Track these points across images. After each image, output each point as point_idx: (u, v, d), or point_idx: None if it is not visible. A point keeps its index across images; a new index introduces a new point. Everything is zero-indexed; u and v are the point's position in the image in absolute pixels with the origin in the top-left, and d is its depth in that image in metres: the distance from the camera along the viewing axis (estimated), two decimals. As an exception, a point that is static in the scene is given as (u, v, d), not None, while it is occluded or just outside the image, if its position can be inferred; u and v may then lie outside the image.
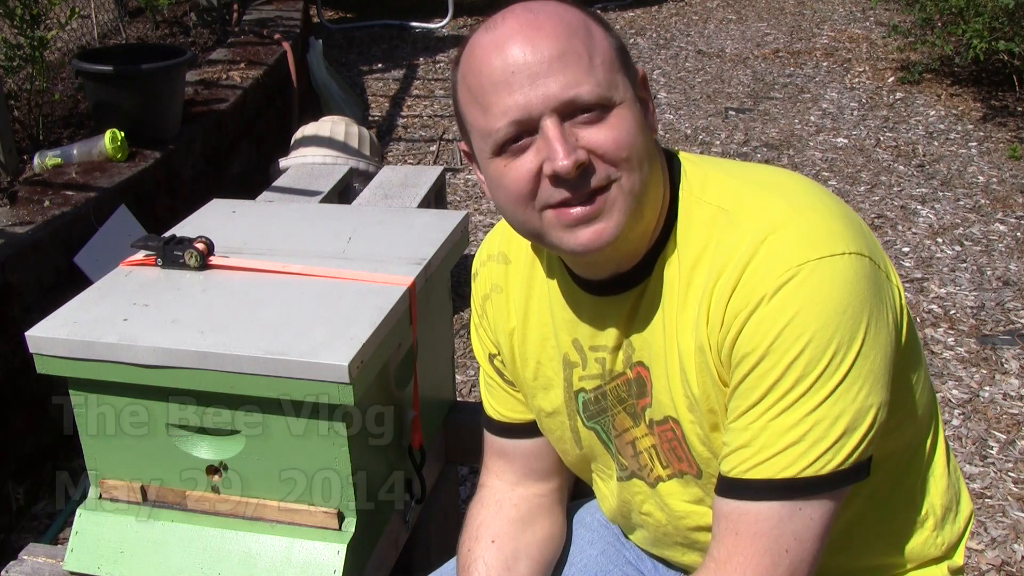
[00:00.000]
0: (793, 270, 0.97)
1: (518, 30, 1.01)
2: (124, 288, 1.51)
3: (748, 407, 0.99)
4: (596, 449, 1.26)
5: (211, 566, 1.42)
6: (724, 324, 1.01)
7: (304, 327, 1.38)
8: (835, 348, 0.96)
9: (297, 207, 1.92)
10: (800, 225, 1.00)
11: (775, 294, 0.97)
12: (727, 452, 1.02)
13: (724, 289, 1.01)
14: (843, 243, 0.99)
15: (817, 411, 0.96)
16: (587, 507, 1.44)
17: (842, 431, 0.97)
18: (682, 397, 1.08)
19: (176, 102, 3.48)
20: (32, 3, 3.22)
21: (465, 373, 3.05)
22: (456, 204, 4.25)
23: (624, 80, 1.03)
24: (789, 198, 1.04)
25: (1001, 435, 2.71)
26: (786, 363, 0.96)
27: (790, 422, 0.97)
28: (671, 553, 1.26)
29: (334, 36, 6.83)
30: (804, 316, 0.96)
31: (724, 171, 1.11)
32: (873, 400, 0.98)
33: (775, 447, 0.98)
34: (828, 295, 0.96)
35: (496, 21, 1.04)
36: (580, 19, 1.04)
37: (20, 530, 2.46)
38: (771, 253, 0.99)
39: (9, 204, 2.82)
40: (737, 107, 5.38)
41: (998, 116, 5.11)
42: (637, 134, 1.02)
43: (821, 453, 0.97)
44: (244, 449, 1.40)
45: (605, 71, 1.01)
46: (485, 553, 1.27)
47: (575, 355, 1.19)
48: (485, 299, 1.29)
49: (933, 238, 3.87)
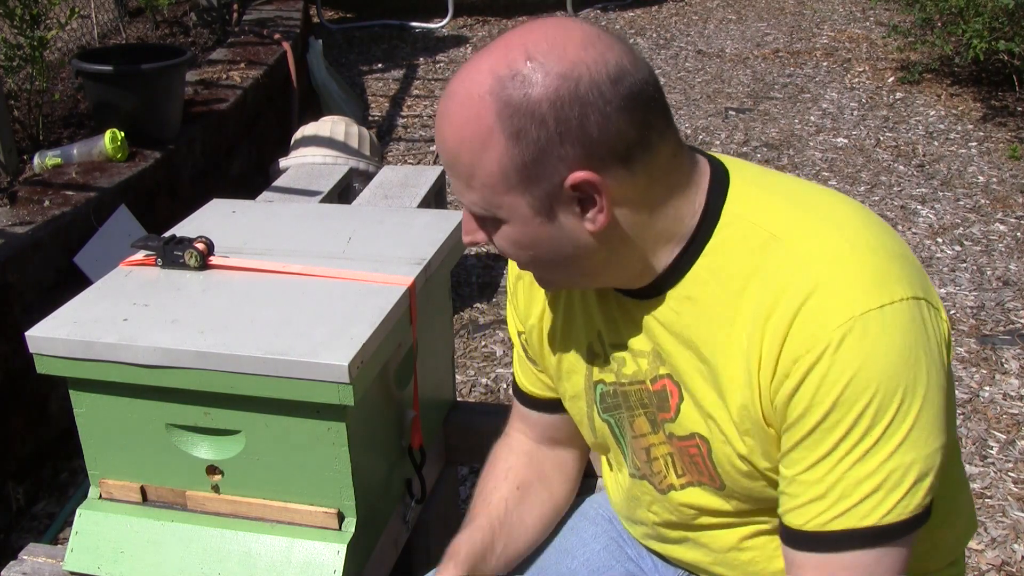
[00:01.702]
0: (855, 320, 0.94)
1: (437, 115, 1.01)
2: (124, 288, 1.51)
3: (818, 459, 0.98)
4: (608, 441, 1.26)
5: (211, 566, 1.42)
6: (779, 369, 0.98)
7: (304, 327, 1.38)
8: (901, 396, 0.95)
9: (297, 207, 1.92)
10: (859, 267, 0.97)
11: (839, 346, 0.94)
12: (797, 504, 1.01)
13: (778, 328, 0.97)
14: (900, 288, 0.97)
15: (891, 460, 0.96)
16: (590, 500, 1.44)
17: (916, 477, 0.97)
18: (718, 420, 1.06)
19: (176, 102, 3.48)
20: (32, 3, 3.22)
21: (465, 373, 3.05)
22: (456, 204, 4.25)
23: (518, 199, 0.98)
24: (846, 232, 1.00)
25: (1001, 435, 2.71)
26: (855, 415, 0.95)
27: (866, 472, 0.96)
28: (674, 549, 1.26)
29: (334, 36, 6.83)
30: (870, 368, 0.94)
31: (778, 193, 1.06)
32: (939, 442, 0.98)
33: (853, 497, 0.97)
34: (891, 345, 0.95)
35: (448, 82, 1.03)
36: (484, 127, 0.95)
37: (20, 530, 2.46)
38: (830, 298, 0.95)
39: (9, 204, 2.82)
40: (737, 107, 5.38)
41: (998, 116, 5.11)
42: (529, 247, 1.02)
43: (899, 500, 0.97)
44: (244, 449, 1.40)
45: (484, 192, 0.99)
46: (510, 496, 1.32)
47: (598, 347, 1.19)
48: (518, 279, 1.29)
49: (933, 238, 3.87)
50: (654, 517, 1.24)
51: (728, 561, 1.20)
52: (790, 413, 0.99)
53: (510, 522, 1.31)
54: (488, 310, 3.45)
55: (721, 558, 1.20)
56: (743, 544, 1.17)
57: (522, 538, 1.33)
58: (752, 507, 1.12)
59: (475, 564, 1.24)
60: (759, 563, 1.17)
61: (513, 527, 1.31)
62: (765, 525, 1.14)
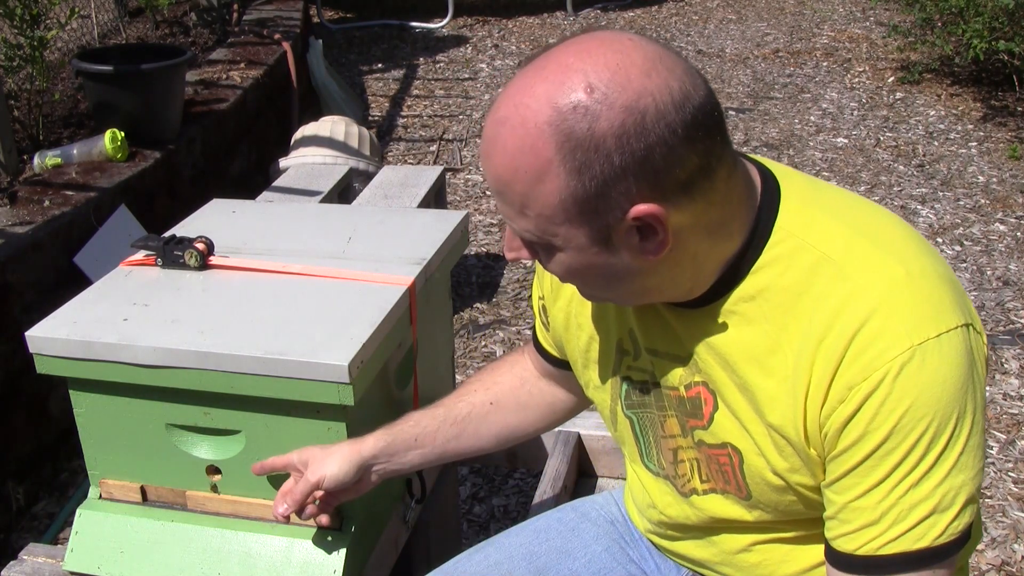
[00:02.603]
0: (915, 349, 0.94)
1: (485, 135, 0.97)
2: (124, 288, 1.51)
3: (872, 485, 0.98)
4: (626, 437, 1.25)
5: (211, 566, 1.42)
6: (832, 395, 0.98)
7: (304, 327, 1.38)
8: (955, 422, 0.96)
9: (297, 207, 1.92)
10: (915, 294, 0.97)
11: (898, 375, 0.94)
12: (850, 530, 1.01)
13: (831, 352, 0.97)
14: (954, 316, 0.97)
15: (944, 483, 0.97)
16: (592, 501, 1.44)
17: (966, 499, 0.98)
18: (753, 435, 1.06)
19: (176, 102, 3.48)
20: (32, 3, 3.22)
21: (465, 373, 3.05)
22: (456, 204, 4.25)
23: (574, 230, 0.95)
24: (901, 257, 0.99)
25: (1001, 435, 2.71)
26: (910, 443, 0.96)
27: (920, 496, 0.97)
28: (681, 545, 1.26)
29: (334, 36, 6.83)
30: (927, 399, 0.95)
31: (830, 212, 1.04)
32: (983, 463, 1.00)
33: (907, 522, 0.98)
34: (948, 375, 0.95)
35: (492, 106, 0.98)
36: (542, 159, 0.91)
37: (20, 530, 2.46)
38: (888, 325, 0.95)
39: (9, 204, 2.82)
40: (737, 107, 5.38)
41: (998, 116, 5.11)
42: (584, 275, 1.01)
43: (950, 522, 0.98)
44: (244, 449, 1.40)
45: (539, 222, 0.95)
46: (478, 404, 1.40)
47: (629, 344, 1.18)
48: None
49: (933, 238, 3.87)
50: (671, 518, 1.24)
51: (736, 562, 1.19)
52: (843, 440, 0.98)
53: (464, 425, 1.38)
54: (488, 310, 3.45)
55: (729, 559, 1.20)
56: (753, 548, 1.17)
57: (469, 443, 1.40)
58: (775, 518, 1.12)
59: (403, 445, 1.35)
60: (768, 566, 1.17)
61: (465, 431, 1.38)
62: (781, 534, 1.14)
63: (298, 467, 1.33)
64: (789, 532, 1.13)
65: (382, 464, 1.34)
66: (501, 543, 1.38)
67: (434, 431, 1.37)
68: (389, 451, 1.34)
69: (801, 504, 1.08)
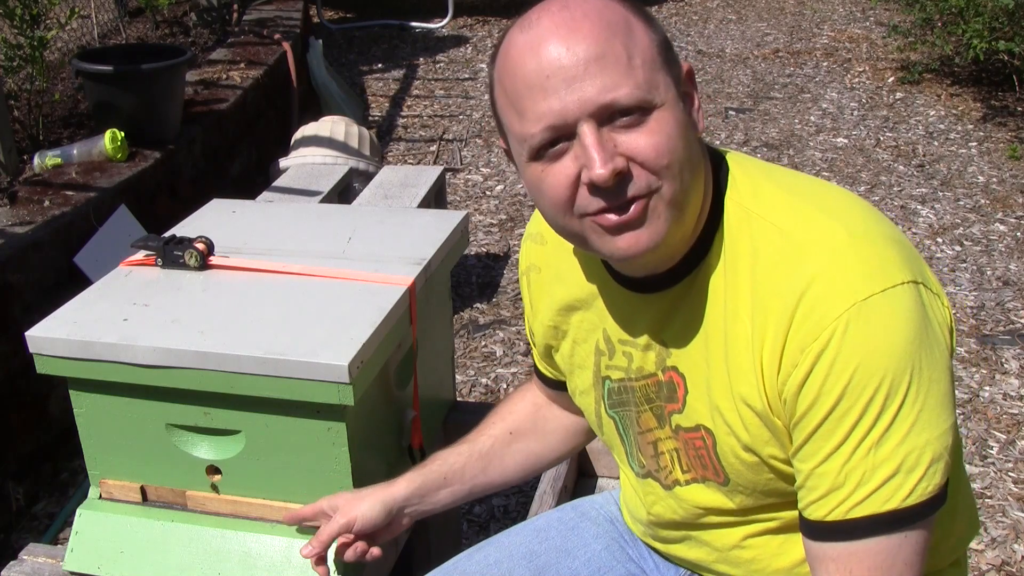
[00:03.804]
0: (859, 305, 0.95)
1: (553, 30, 0.97)
2: (124, 288, 1.51)
3: (833, 449, 0.98)
4: (613, 439, 1.27)
5: (211, 566, 1.42)
6: (786, 359, 0.99)
7: (304, 327, 1.38)
8: (910, 378, 0.95)
9: (297, 207, 1.92)
10: (857, 253, 0.98)
11: (845, 334, 0.95)
12: (817, 496, 1.00)
13: (781, 319, 0.98)
14: (900, 272, 0.98)
15: (906, 442, 0.96)
16: (592, 500, 1.45)
17: (931, 458, 0.97)
18: (723, 411, 1.07)
19: (176, 102, 3.48)
20: (32, 3, 3.22)
21: (465, 373, 3.05)
22: (456, 204, 4.25)
23: (666, 79, 0.99)
24: (844, 221, 1.01)
25: (1001, 435, 2.71)
26: (865, 400, 0.95)
27: (882, 456, 0.96)
28: (676, 548, 1.26)
29: (334, 36, 6.83)
30: (877, 355, 0.95)
31: (776, 183, 1.07)
32: (949, 422, 0.98)
33: (872, 483, 0.97)
34: (896, 328, 0.95)
35: (531, 19, 1.00)
36: (620, 15, 0.99)
37: (20, 530, 2.46)
38: (831, 285, 0.96)
39: (9, 204, 2.83)
40: (737, 107, 5.38)
41: (998, 116, 5.11)
42: (679, 138, 0.99)
43: (917, 481, 0.97)
44: (244, 449, 1.40)
45: (645, 71, 0.97)
46: (499, 436, 1.41)
47: (604, 344, 1.20)
48: (525, 273, 1.32)
49: (933, 238, 3.87)
50: (658, 516, 1.24)
51: (730, 559, 1.20)
52: (800, 405, 0.99)
53: (489, 458, 1.39)
54: (488, 310, 3.45)
55: (723, 556, 1.20)
56: (745, 542, 1.17)
57: (496, 475, 1.41)
58: (756, 503, 1.12)
59: (433, 484, 1.36)
60: (761, 561, 1.17)
61: (491, 464, 1.39)
62: (769, 523, 1.14)
63: (328, 512, 1.34)
64: (776, 522, 1.14)
65: (414, 506, 1.36)
66: (501, 543, 1.38)
67: (461, 467, 1.38)
68: (420, 492, 1.36)
69: (780, 480, 1.08)
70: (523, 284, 1.34)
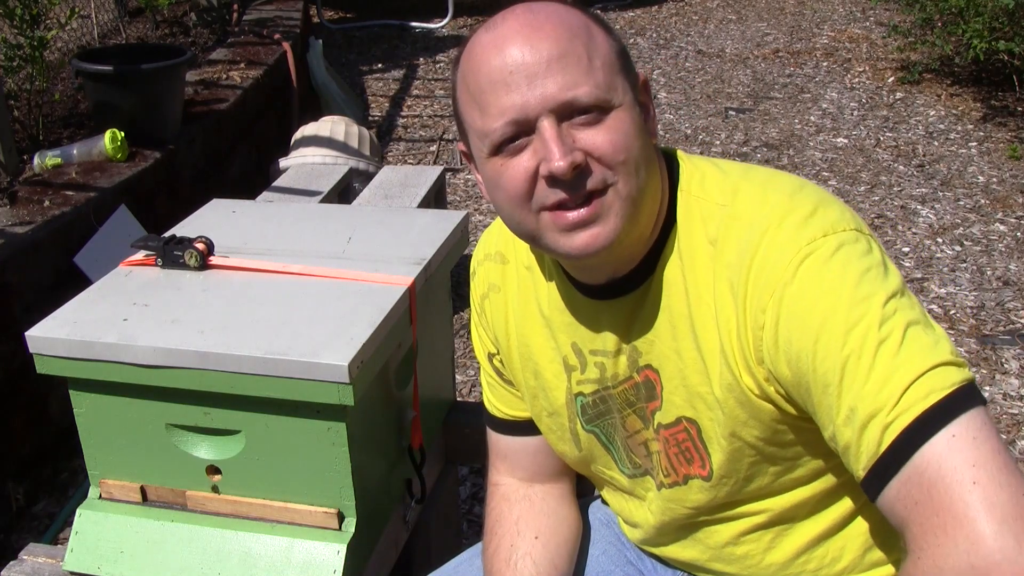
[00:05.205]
0: (804, 249, 0.98)
1: (518, 30, 1.01)
2: (124, 288, 1.51)
3: (841, 396, 0.93)
4: (596, 451, 1.26)
5: (211, 566, 1.42)
6: (751, 321, 1.00)
7: (304, 327, 1.38)
8: (881, 297, 0.94)
9: (297, 207, 1.92)
10: (799, 212, 1.02)
11: (795, 275, 0.97)
12: (858, 449, 0.93)
13: (738, 288, 1.01)
14: (843, 222, 1.02)
15: (901, 352, 0.92)
16: (588, 506, 1.44)
17: (945, 359, 0.92)
18: (703, 395, 1.08)
19: (176, 102, 3.48)
20: (32, 3, 3.22)
21: (465, 373, 3.05)
22: (456, 204, 4.25)
23: (624, 83, 1.04)
24: (784, 190, 1.06)
25: (1002, 435, 2.71)
26: (843, 332, 0.93)
27: (889, 370, 0.91)
28: (671, 549, 1.26)
29: (334, 36, 6.83)
30: (835, 283, 0.96)
31: (719, 168, 1.12)
32: (939, 330, 0.96)
33: (896, 395, 0.91)
34: (847, 260, 0.97)
35: (496, 21, 1.04)
36: (581, 20, 1.04)
37: (20, 530, 2.46)
38: (778, 239, 1.00)
39: (9, 204, 2.82)
40: (737, 107, 5.38)
41: (998, 116, 5.11)
42: (635, 138, 1.02)
43: (942, 372, 0.91)
44: (244, 449, 1.40)
45: (604, 73, 1.01)
46: (532, 550, 1.28)
47: (574, 358, 1.20)
48: (483, 298, 1.30)
49: (933, 238, 3.87)
50: (652, 518, 1.24)
51: (724, 556, 1.20)
52: (791, 362, 0.97)
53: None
54: (488, 310, 3.44)
55: (717, 554, 1.20)
56: (739, 540, 1.18)
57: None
58: (740, 489, 1.12)
59: None
60: (754, 556, 1.18)
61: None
62: (758, 517, 1.15)
63: None
64: (765, 514, 1.14)
65: None
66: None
67: None
68: None
69: (763, 462, 1.08)
70: (477, 312, 1.32)
